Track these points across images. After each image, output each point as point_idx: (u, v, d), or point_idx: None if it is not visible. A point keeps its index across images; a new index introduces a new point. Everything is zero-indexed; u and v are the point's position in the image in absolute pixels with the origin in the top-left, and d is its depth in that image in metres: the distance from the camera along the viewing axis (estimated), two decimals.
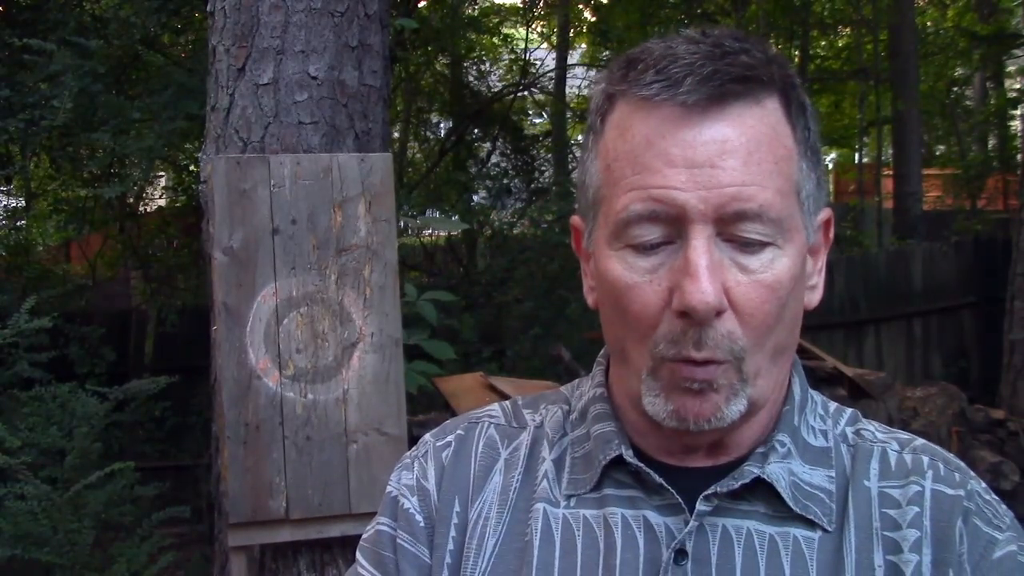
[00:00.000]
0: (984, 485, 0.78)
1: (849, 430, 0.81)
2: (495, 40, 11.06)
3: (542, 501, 0.79)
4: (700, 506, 0.74)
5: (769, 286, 0.72)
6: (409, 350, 2.86)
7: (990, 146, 13.51)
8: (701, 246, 0.70)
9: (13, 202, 6.90)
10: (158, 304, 6.41)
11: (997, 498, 0.78)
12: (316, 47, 2.70)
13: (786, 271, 0.73)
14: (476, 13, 10.11)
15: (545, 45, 12.12)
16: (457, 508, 0.81)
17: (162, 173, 6.87)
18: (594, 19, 11.09)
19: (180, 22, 5.59)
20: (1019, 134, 12.46)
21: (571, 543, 0.77)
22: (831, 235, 0.82)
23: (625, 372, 0.79)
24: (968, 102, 14.06)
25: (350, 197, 2.40)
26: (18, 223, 6.42)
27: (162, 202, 7.66)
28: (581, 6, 11.35)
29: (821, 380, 4.57)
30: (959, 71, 13.47)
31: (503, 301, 7.09)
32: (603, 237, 0.77)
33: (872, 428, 0.82)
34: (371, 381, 2.37)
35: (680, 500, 0.75)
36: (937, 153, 14.92)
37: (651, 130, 0.73)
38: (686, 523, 0.74)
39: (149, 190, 7.20)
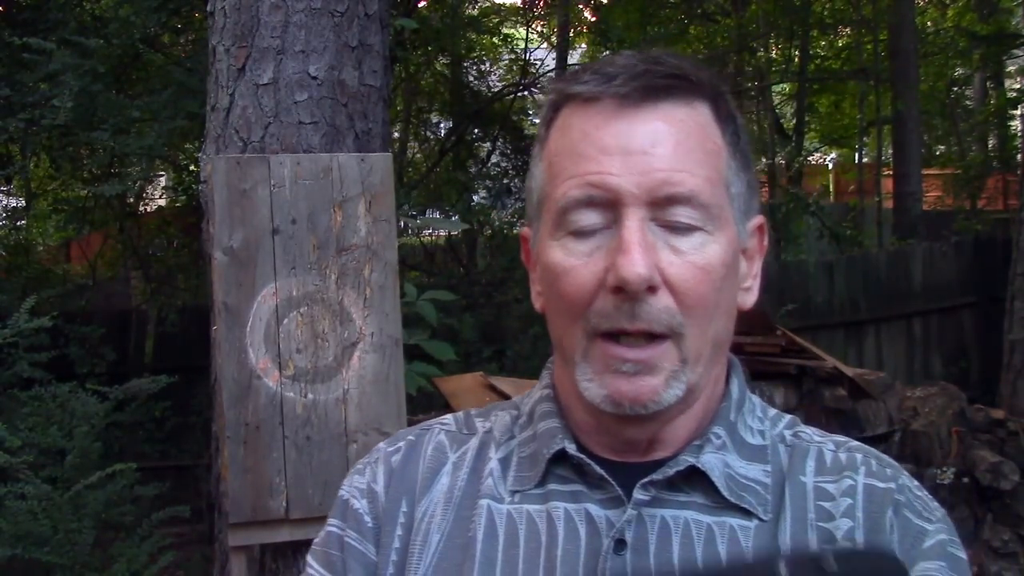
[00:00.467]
0: (916, 483, 0.82)
1: (787, 432, 0.85)
2: (495, 40, 11.06)
3: (487, 498, 0.82)
4: (637, 495, 0.77)
5: (702, 267, 0.76)
6: (409, 350, 2.86)
7: (990, 146, 13.51)
8: (634, 226, 0.74)
9: (13, 202, 6.90)
10: (158, 304, 6.41)
11: (928, 494, 0.81)
12: (316, 47, 2.70)
13: (717, 256, 0.77)
14: (476, 13, 10.12)
15: (545, 45, 12.11)
16: (404, 508, 0.83)
17: (162, 173, 6.87)
18: (594, 19, 11.09)
19: (180, 22, 5.60)
20: (1019, 134, 12.45)
21: (514, 537, 0.79)
22: (765, 243, 0.88)
23: (567, 372, 0.82)
24: (968, 102, 14.07)
25: (350, 197, 2.40)
26: (18, 223, 6.43)
27: (162, 202, 7.67)
28: (581, 6, 11.34)
29: (821, 380, 4.57)
30: (959, 71, 13.47)
31: (503, 301, 7.09)
32: (546, 232, 0.81)
33: (809, 432, 0.86)
34: (371, 381, 2.37)
35: (620, 492, 0.78)
36: (937, 153, 14.91)
37: (588, 123, 0.79)
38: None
39: (149, 190, 7.20)
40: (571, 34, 11.72)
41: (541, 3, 11.75)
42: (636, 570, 0.75)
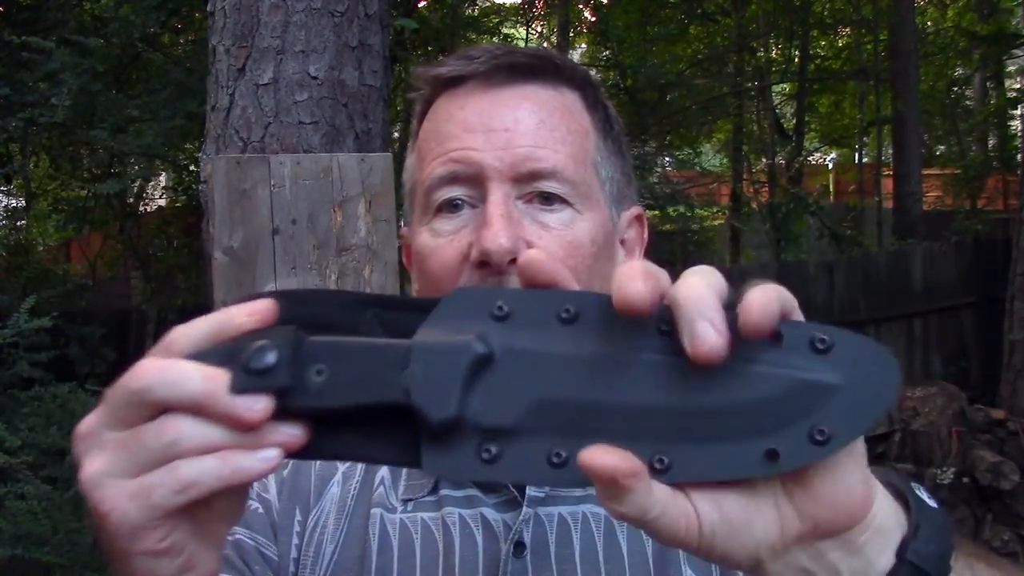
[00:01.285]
0: None
1: None
2: (495, 40, 11.05)
3: (378, 507, 0.79)
4: (531, 492, 0.75)
5: (570, 243, 0.75)
6: None
7: (990, 146, 13.51)
8: (498, 200, 0.74)
9: (13, 202, 6.89)
10: (158, 304, 6.40)
11: None
12: (316, 47, 2.69)
13: (585, 233, 0.76)
14: (476, 13, 10.11)
15: (545, 45, 12.11)
16: (298, 516, 0.81)
17: (162, 173, 6.86)
18: (594, 19, 11.08)
19: (180, 22, 5.59)
20: (1019, 134, 12.46)
21: (409, 546, 0.77)
22: (645, 234, 0.87)
23: None
24: (968, 102, 14.06)
25: (350, 197, 2.40)
26: (18, 223, 6.42)
27: (162, 202, 7.66)
28: (581, 6, 11.34)
29: None
30: (959, 71, 13.47)
31: None
32: (416, 220, 0.81)
33: None
34: None
35: (516, 494, 0.76)
36: (937, 153, 14.91)
37: (452, 104, 0.79)
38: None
39: (149, 190, 7.20)
40: (571, 34, 11.72)
41: (541, 3, 11.75)
42: (537, 572, 0.73)
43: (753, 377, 0.43)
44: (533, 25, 11.96)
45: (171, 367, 0.48)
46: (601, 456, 0.43)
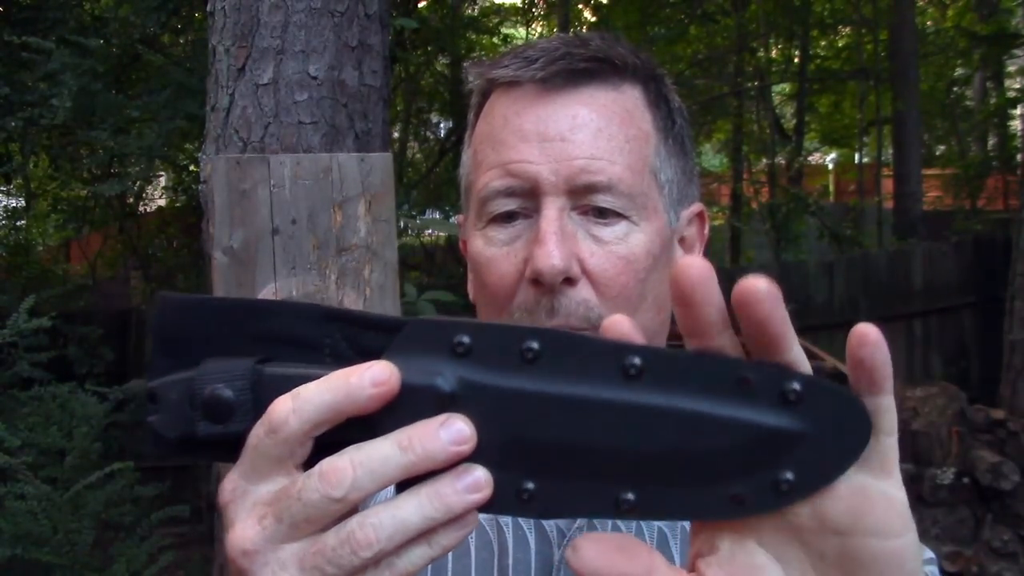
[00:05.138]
0: None
1: None
2: (495, 40, 11.06)
3: None
4: None
5: (623, 257, 0.73)
6: None
7: (990, 146, 13.51)
8: (551, 215, 0.72)
9: (13, 202, 6.89)
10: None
11: None
12: (316, 47, 2.69)
13: (641, 246, 0.74)
14: (476, 13, 10.11)
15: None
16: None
17: (162, 173, 6.86)
18: (594, 19, 11.09)
19: (180, 22, 5.59)
20: (1019, 134, 12.46)
21: (463, 546, 0.75)
22: (706, 231, 0.85)
23: None
24: (968, 102, 14.06)
25: (350, 197, 2.40)
26: (18, 223, 6.43)
27: (162, 202, 7.65)
28: (581, 6, 11.34)
29: None
30: (959, 71, 13.47)
31: None
32: (471, 221, 0.79)
33: None
34: None
35: None
36: (937, 153, 14.92)
37: (508, 109, 0.77)
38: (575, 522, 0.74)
39: (149, 190, 7.19)
40: (571, 34, 11.71)
41: (541, 3, 11.75)
42: None
43: (720, 423, 0.43)
44: (533, 25, 11.96)
45: (365, 458, 0.44)
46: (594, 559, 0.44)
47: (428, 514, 0.43)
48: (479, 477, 0.43)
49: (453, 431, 0.43)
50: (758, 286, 0.41)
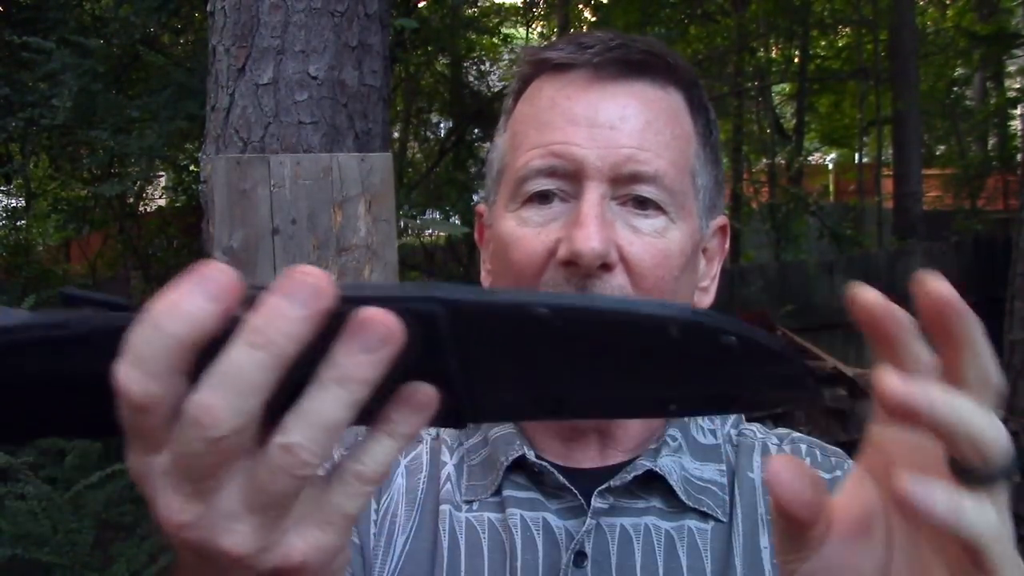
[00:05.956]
0: None
1: (733, 431, 0.82)
2: (495, 40, 11.06)
3: (447, 503, 0.78)
4: (596, 503, 0.73)
5: (661, 250, 0.73)
6: None
7: (990, 146, 13.52)
8: (593, 199, 0.71)
9: (13, 202, 6.90)
10: None
11: None
12: (316, 47, 2.70)
13: (677, 244, 0.74)
14: (476, 13, 10.11)
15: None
16: (374, 504, 0.79)
17: (162, 173, 6.87)
18: (594, 19, 11.09)
19: (180, 22, 5.59)
20: (1019, 134, 12.46)
21: (476, 546, 0.75)
22: (727, 246, 0.84)
23: None
24: (968, 102, 14.07)
25: (350, 197, 2.40)
26: (18, 223, 6.43)
27: (162, 202, 7.65)
28: (581, 6, 11.35)
29: (821, 380, 4.57)
30: (959, 71, 13.47)
31: None
32: (502, 203, 0.78)
33: (754, 428, 0.84)
34: None
35: (582, 501, 0.74)
36: (937, 153, 14.92)
37: (557, 92, 0.76)
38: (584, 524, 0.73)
39: (149, 190, 7.20)
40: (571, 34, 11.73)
41: (541, 3, 11.76)
42: None
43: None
44: (533, 25, 11.96)
45: (222, 379, 0.36)
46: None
47: (343, 398, 0.36)
48: (379, 328, 0.35)
49: (302, 294, 0.35)
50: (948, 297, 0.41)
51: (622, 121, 0.73)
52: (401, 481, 0.80)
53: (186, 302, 0.35)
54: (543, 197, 0.74)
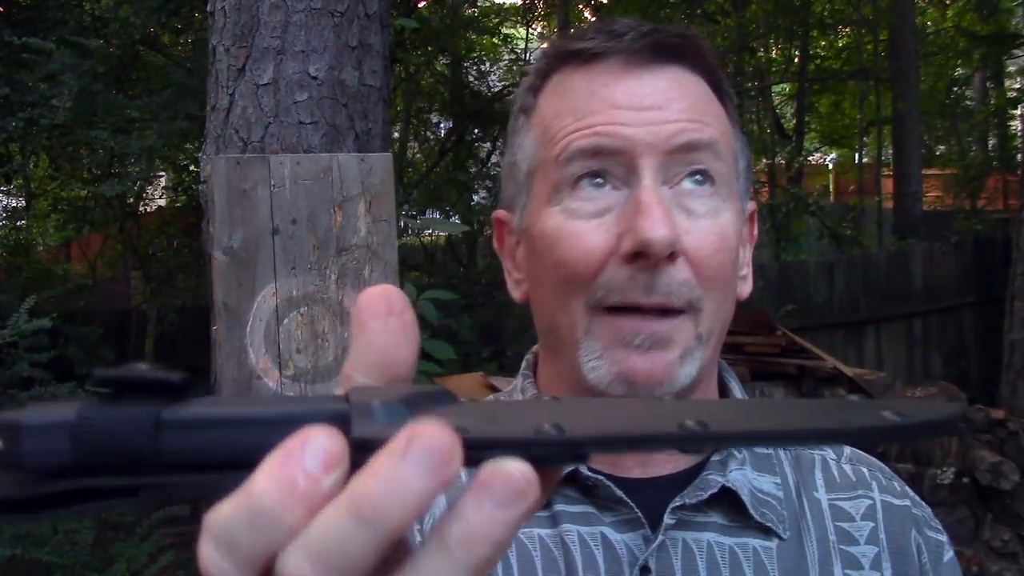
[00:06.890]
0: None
1: None
2: (495, 40, 11.06)
3: None
4: (668, 519, 0.69)
5: (718, 234, 0.69)
6: None
7: (990, 146, 13.51)
8: (651, 184, 0.67)
9: (13, 202, 6.90)
10: (158, 304, 6.41)
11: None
12: (316, 47, 2.70)
13: (730, 225, 0.70)
14: (476, 13, 10.11)
15: (545, 45, 12.11)
16: (418, 526, 0.74)
17: (162, 173, 6.87)
18: (594, 19, 11.08)
19: (180, 22, 5.59)
20: (1019, 134, 12.46)
21: (529, 564, 0.70)
22: (755, 232, 0.82)
23: (557, 361, 0.73)
24: (968, 102, 14.07)
25: (350, 197, 2.40)
26: (18, 223, 6.43)
27: (162, 202, 7.66)
28: (581, 6, 11.35)
29: (821, 380, 4.57)
30: (959, 71, 13.47)
31: (503, 301, 7.10)
32: (541, 201, 0.72)
33: None
34: None
35: (640, 515, 0.70)
36: (937, 153, 14.92)
37: (593, 82, 0.71)
38: (644, 538, 0.70)
39: (149, 190, 7.20)
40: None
41: (541, 3, 11.75)
42: None
43: None
44: (533, 25, 11.96)
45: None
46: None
47: (467, 561, 0.29)
48: (516, 482, 0.29)
49: (428, 459, 0.29)
50: None
51: (667, 102, 0.70)
52: (442, 500, 0.75)
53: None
54: (594, 182, 0.69)
